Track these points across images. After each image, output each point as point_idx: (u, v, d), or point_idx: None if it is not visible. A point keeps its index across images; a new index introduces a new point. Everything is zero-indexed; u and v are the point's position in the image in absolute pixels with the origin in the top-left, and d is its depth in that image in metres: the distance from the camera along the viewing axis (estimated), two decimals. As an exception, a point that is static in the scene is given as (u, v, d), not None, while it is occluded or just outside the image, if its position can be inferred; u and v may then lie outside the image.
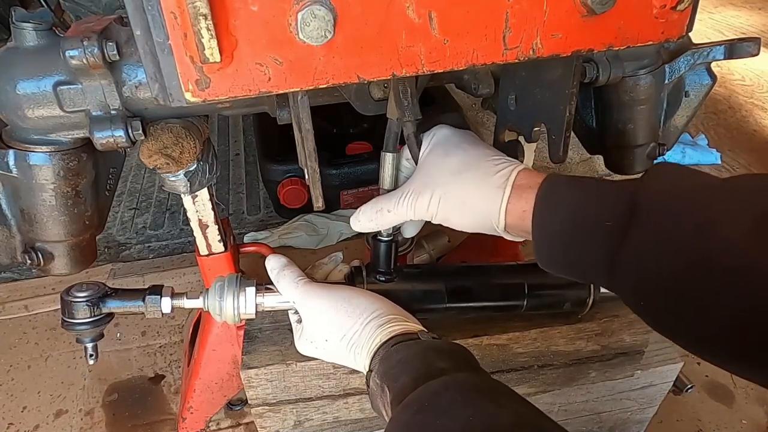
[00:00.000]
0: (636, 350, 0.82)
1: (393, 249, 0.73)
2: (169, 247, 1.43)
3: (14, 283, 1.33)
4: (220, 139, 1.84)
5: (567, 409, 0.87)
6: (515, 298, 0.75)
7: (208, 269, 0.86)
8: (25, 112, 0.60)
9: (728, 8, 2.85)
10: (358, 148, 1.42)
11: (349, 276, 0.74)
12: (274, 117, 0.70)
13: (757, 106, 2.05)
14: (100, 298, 0.66)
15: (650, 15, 0.48)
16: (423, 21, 0.44)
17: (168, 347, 1.18)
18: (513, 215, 0.59)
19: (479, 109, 1.96)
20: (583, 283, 0.75)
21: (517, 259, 1.01)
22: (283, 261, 0.70)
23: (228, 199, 1.60)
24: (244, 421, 1.04)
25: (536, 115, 0.68)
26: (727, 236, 0.45)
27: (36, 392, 1.10)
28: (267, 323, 0.79)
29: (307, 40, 0.42)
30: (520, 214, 0.58)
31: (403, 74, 0.46)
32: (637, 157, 0.85)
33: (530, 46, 0.47)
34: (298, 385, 0.75)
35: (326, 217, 1.42)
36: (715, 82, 0.85)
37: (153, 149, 0.66)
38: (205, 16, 0.39)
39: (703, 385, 1.09)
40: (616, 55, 0.73)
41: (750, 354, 0.45)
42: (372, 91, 0.67)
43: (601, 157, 0.90)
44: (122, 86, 0.61)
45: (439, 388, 0.49)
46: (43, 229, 0.69)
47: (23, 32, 0.59)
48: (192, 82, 0.43)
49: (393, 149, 0.69)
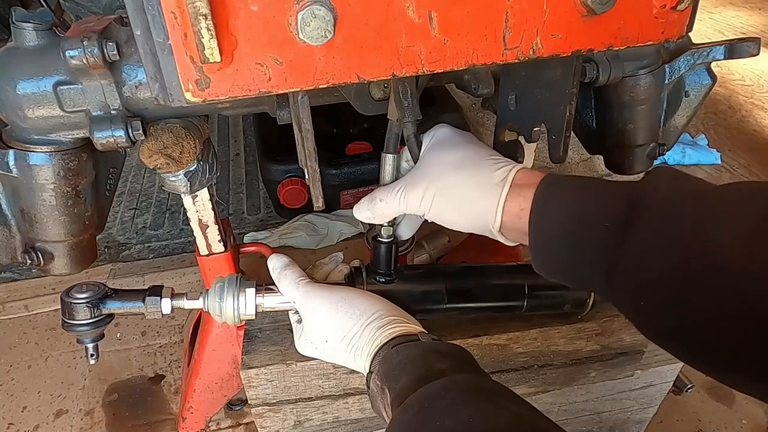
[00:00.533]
0: (636, 350, 0.82)
1: (393, 250, 0.73)
2: (169, 247, 1.43)
3: (14, 283, 1.33)
4: (220, 139, 1.84)
5: (567, 409, 0.87)
6: (515, 298, 0.75)
7: (208, 269, 0.86)
8: (25, 112, 0.60)
9: (728, 8, 2.85)
10: (358, 148, 1.42)
11: (349, 276, 0.74)
12: (274, 117, 0.70)
13: (757, 106, 2.05)
14: (100, 299, 0.66)
15: (650, 15, 0.48)
16: (423, 21, 0.44)
17: (168, 347, 1.18)
18: (510, 214, 0.58)
19: (479, 109, 1.96)
20: (576, 288, 0.75)
21: (517, 259, 1.01)
22: (284, 261, 0.70)
23: (228, 199, 1.60)
24: (244, 421, 1.04)
25: (536, 115, 0.68)
26: (724, 240, 0.44)
27: (36, 392, 1.10)
28: (267, 323, 0.79)
29: (307, 40, 0.42)
30: (518, 213, 0.58)
31: (403, 74, 0.46)
32: (637, 157, 0.85)
33: (530, 46, 0.47)
34: (298, 385, 0.75)
35: (326, 217, 1.41)
36: (715, 82, 0.85)
37: (153, 149, 0.66)
38: (205, 16, 0.39)
39: (703, 385, 1.09)
40: (616, 55, 0.73)
41: (748, 365, 0.44)
42: (372, 91, 0.67)
43: (601, 157, 0.90)
44: (122, 86, 0.61)
45: (440, 389, 0.49)
46: (43, 229, 0.69)
47: (23, 32, 0.59)
48: (192, 82, 0.43)
49: (393, 150, 0.69)
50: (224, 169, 1.69)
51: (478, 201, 0.60)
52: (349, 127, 1.48)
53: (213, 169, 0.75)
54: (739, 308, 0.43)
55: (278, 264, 0.70)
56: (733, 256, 0.43)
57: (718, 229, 0.45)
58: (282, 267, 0.69)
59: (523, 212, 0.57)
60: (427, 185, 0.63)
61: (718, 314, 0.45)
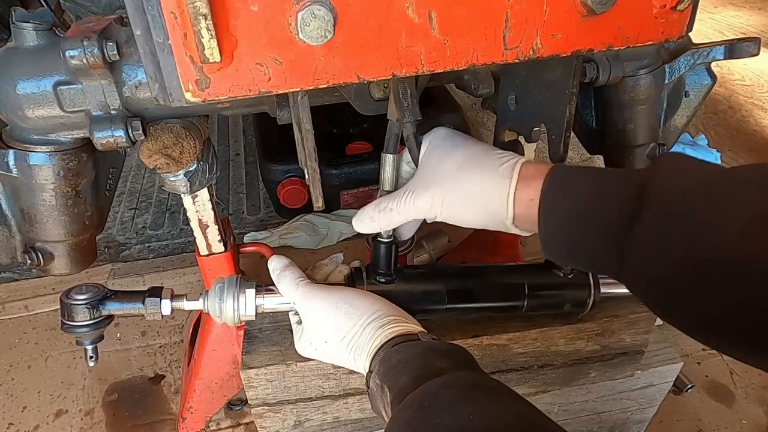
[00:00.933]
0: (636, 350, 0.82)
1: (393, 250, 0.73)
2: (169, 247, 1.43)
3: (14, 283, 1.33)
4: (220, 139, 1.84)
5: (567, 409, 0.87)
6: (515, 298, 0.75)
7: (208, 269, 0.86)
8: (25, 112, 0.60)
9: (728, 8, 2.85)
10: (358, 148, 1.42)
11: (349, 277, 0.74)
12: (274, 117, 0.70)
13: (757, 106, 2.05)
14: (100, 301, 0.66)
15: (650, 15, 0.48)
16: (423, 21, 0.44)
17: (168, 347, 1.18)
18: (521, 205, 0.59)
19: (479, 109, 1.96)
20: (589, 272, 0.75)
21: (517, 259, 1.01)
22: (284, 262, 0.70)
23: (228, 199, 1.60)
24: (244, 421, 1.04)
25: (536, 115, 0.68)
26: (733, 227, 0.44)
27: (36, 392, 1.10)
28: (267, 323, 0.79)
29: (307, 40, 0.42)
30: (527, 203, 0.58)
31: (403, 74, 0.46)
32: (637, 157, 0.85)
33: (530, 46, 0.47)
34: (298, 385, 0.75)
35: (326, 217, 1.41)
36: (715, 82, 0.85)
37: (153, 149, 0.66)
38: (205, 16, 0.39)
39: (703, 385, 1.09)
40: (616, 55, 0.73)
41: (754, 338, 0.44)
42: (372, 91, 0.67)
43: (601, 157, 0.90)
44: (122, 86, 0.61)
45: (440, 387, 0.49)
46: (43, 229, 0.69)
47: (23, 32, 0.59)
48: (192, 82, 0.43)
49: (393, 150, 0.69)
50: (224, 169, 1.69)
51: (489, 196, 0.60)
52: (349, 127, 1.48)
53: (213, 169, 0.75)
54: (746, 294, 0.43)
55: (278, 265, 0.70)
56: (742, 244, 0.44)
57: (727, 215, 0.45)
58: (282, 268, 0.69)
59: (533, 203, 0.57)
60: (436, 188, 0.63)
61: (726, 301, 0.45)
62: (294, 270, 0.69)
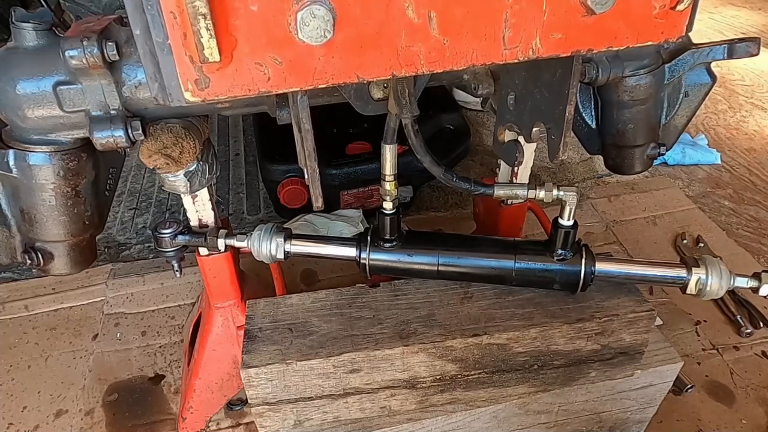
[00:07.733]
0: (636, 350, 0.82)
1: (396, 220, 0.80)
2: (169, 247, 1.43)
3: (14, 283, 1.33)
4: (220, 139, 1.84)
5: (567, 409, 0.87)
6: (504, 268, 0.79)
7: (208, 269, 0.86)
8: (25, 112, 0.60)
9: (728, 8, 2.86)
10: (358, 148, 1.42)
11: (357, 240, 0.82)
12: (274, 117, 0.70)
13: (757, 106, 2.05)
14: (175, 235, 0.81)
15: (650, 15, 0.48)
16: (422, 21, 0.44)
17: (168, 347, 1.18)
18: None
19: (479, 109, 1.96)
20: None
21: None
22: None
23: (228, 199, 1.60)
24: (244, 421, 1.04)
25: (536, 114, 0.68)
26: None
27: (36, 392, 1.10)
28: (267, 323, 0.79)
29: (307, 39, 0.42)
30: None
31: (403, 74, 0.46)
32: (637, 157, 0.85)
33: (530, 46, 0.47)
34: (298, 385, 0.75)
35: (326, 217, 1.41)
36: (715, 82, 0.85)
37: (153, 149, 0.66)
38: (204, 15, 0.39)
39: (703, 385, 1.09)
40: (615, 55, 0.73)
41: None
42: (372, 91, 0.68)
43: (601, 157, 0.90)
44: (122, 86, 0.61)
45: None
46: (43, 229, 0.69)
47: (23, 32, 0.59)
48: (191, 82, 0.43)
49: (391, 141, 0.73)
50: (224, 169, 1.69)
51: None
52: (349, 127, 1.48)
53: (213, 169, 0.76)
54: None
55: None
56: None
57: None
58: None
59: None
60: None
61: None
62: None
